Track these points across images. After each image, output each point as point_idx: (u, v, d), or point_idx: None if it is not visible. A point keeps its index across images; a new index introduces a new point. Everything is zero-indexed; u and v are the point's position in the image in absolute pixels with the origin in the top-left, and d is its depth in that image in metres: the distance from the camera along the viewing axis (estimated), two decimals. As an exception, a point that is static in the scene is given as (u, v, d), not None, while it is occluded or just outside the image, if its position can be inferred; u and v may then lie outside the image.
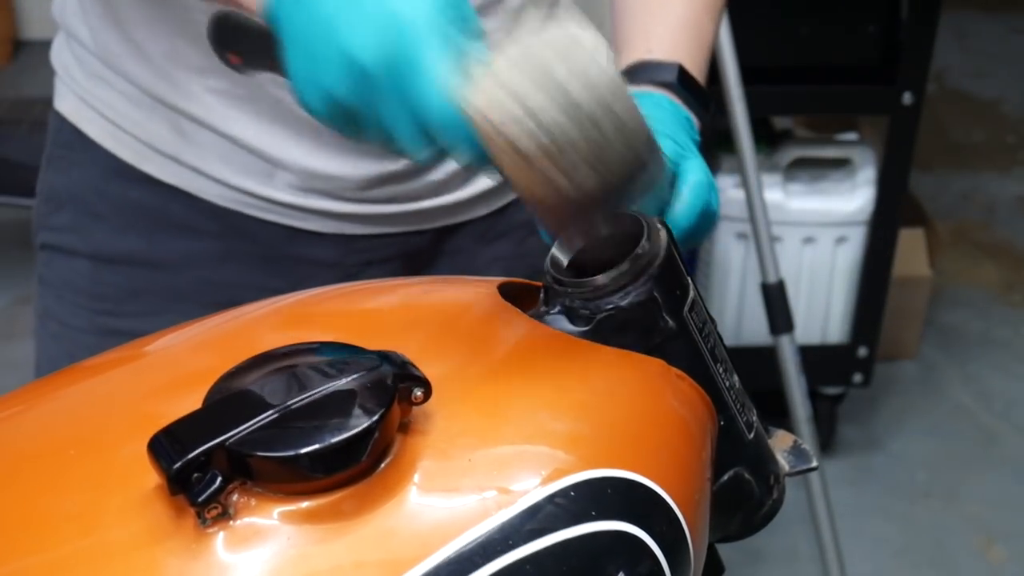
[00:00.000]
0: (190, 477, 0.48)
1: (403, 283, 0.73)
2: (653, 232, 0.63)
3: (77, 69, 0.98)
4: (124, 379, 0.64)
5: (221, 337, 0.65)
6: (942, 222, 2.91)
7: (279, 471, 0.49)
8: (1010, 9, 4.30)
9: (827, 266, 2.31)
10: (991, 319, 2.88)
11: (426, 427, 0.54)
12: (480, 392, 0.57)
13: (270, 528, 0.49)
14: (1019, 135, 3.64)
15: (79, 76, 0.98)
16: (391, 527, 0.51)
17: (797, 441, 0.75)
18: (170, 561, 0.49)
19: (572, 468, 0.54)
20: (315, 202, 0.96)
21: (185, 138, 0.94)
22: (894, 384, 2.65)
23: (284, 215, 0.97)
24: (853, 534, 2.23)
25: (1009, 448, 2.52)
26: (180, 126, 0.94)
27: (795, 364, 1.96)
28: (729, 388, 0.67)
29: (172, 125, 0.94)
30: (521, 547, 0.51)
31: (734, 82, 1.87)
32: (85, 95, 0.97)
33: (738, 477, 0.69)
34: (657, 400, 0.61)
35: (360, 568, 0.49)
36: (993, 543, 2.29)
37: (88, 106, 0.97)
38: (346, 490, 0.50)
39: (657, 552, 0.55)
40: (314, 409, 0.50)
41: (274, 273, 0.99)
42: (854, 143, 2.31)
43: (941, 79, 3.80)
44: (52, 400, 0.63)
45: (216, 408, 0.51)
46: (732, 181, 2.12)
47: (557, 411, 0.57)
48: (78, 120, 0.98)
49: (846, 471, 2.42)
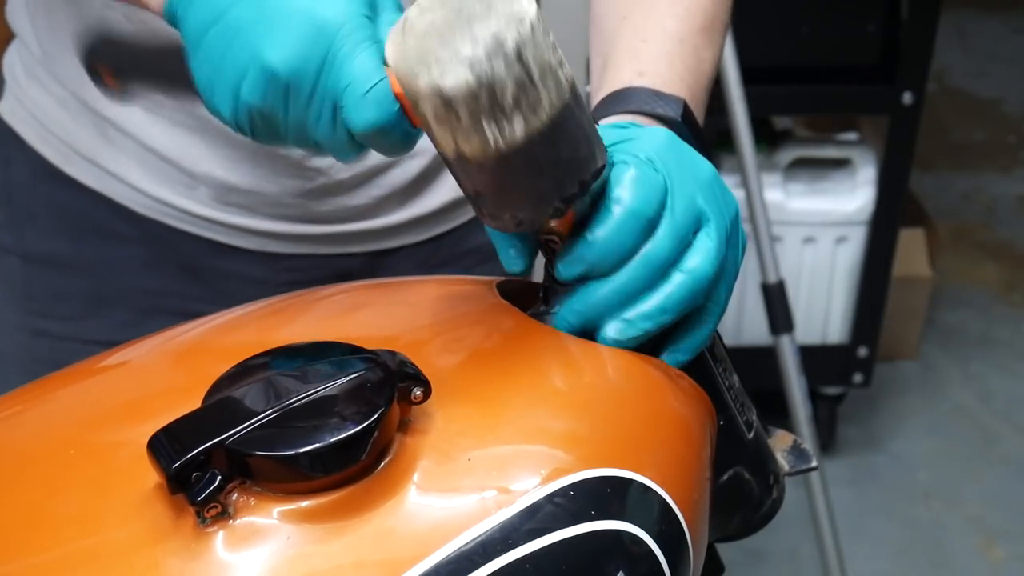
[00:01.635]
0: (190, 476, 0.48)
1: (402, 282, 0.73)
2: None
3: (20, 70, 0.97)
4: (125, 379, 0.64)
5: (220, 337, 0.65)
6: (942, 222, 2.91)
7: (278, 470, 0.49)
8: (1010, 9, 4.30)
9: (827, 266, 2.31)
10: (991, 319, 2.88)
11: (425, 426, 0.54)
12: (479, 391, 0.57)
13: (270, 527, 0.49)
14: (1020, 135, 3.64)
15: (20, 77, 0.97)
16: (390, 526, 0.51)
17: (797, 441, 0.75)
18: (170, 560, 0.49)
19: (571, 467, 0.54)
20: (235, 217, 0.94)
21: (108, 143, 0.93)
22: (894, 384, 2.65)
23: (205, 228, 0.95)
24: (853, 534, 2.23)
25: (1009, 448, 2.52)
26: (104, 131, 0.92)
27: (795, 364, 1.96)
28: (729, 388, 0.67)
29: (97, 129, 0.92)
30: (521, 546, 0.51)
31: (734, 82, 1.87)
32: (21, 96, 0.96)
33: (738, 477, 0.69)
34: (656, 399, 0.61)
35: (360, 567, 0.49)
36: (993, 543, 2.29)
37: (23, 107, 0.96)
38: (346, 489, 0.50)
39: (657, 551, 0.55)
40: (313, 408, 0.50)
41: (200, 285, 0.97)
42: (854, 143, 2.31)
43: (941, 79, 3.80)
44: (51, 400, 0.63)
45: (215, 407, 0.51)
46: (732, 181, 2.12)
47: (556, 410, 0.57)
48: (12, 120, 0.97)
49: (846, 471, 2.43)
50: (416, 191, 0.98)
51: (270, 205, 0.94)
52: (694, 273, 0.60)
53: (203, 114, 0.89)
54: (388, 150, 0.58)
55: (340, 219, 0.96)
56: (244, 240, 0.96)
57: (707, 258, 0.61)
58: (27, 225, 0.98)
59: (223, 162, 0.92)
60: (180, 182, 0.93)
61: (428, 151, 0.95)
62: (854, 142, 2.32)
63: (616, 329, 0.61)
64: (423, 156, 0.95)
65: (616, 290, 0.60)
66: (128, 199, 0.95)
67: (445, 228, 1.01)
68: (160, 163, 0.93)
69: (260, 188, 0.92)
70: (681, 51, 0.77)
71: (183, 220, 0.95)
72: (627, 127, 0.66)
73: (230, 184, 0.92)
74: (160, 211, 0.95)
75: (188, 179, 0.93)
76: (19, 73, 0.97)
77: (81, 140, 0.94)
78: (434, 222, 1.00)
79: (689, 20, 0.79)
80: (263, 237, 0.96)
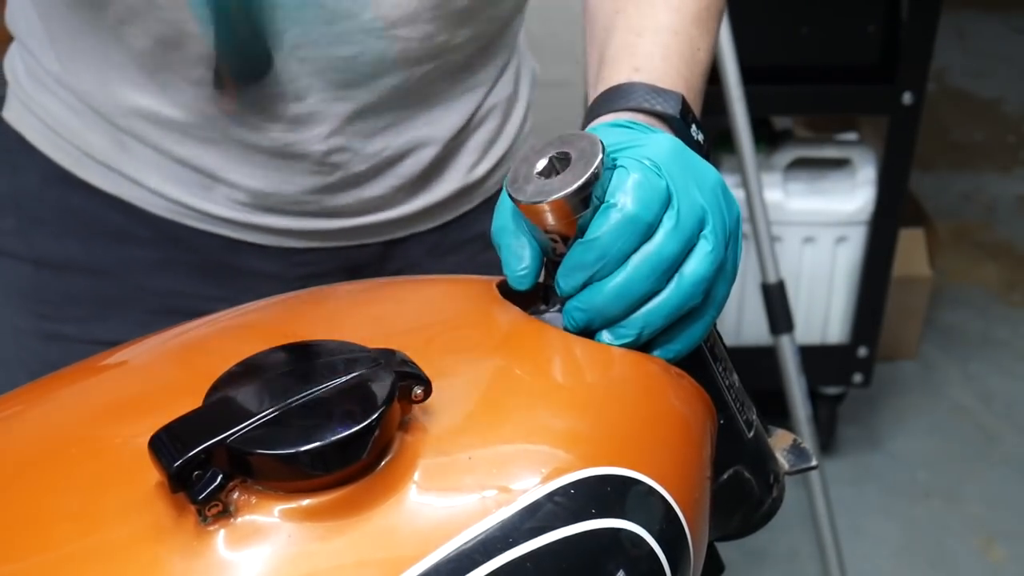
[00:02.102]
0: (191, 475, 0.48)
1: (403, 281, 0.73)
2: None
3: (24, 76, 0.97)
4: (126, 377, 0.64)
5: (222, 335, 0.65)
6: (942, 222, 2.91)
7: (280, 469, 0.49)
8: (1010, 9, 4.30)
9: (827, 266, 2.31)
10: (991, 319, 2.89)
11: (426, 425, 0.54)
12: (480, 390, 0.57)
13: (271, 526, 0.49)
14: (1019, 135, 3.64)
15: (25, 83, 0.97)
16: (391, 525, 0.51)
17: (797, 440, 0.75)
18: (171, 559, 0.49)
19: (572, 466, 0.54)
20: (254, 217, 0.95)
21: (123, 149, 0.93)
22: (894, 384, 2.66)
23: (223, 227, 0.96)
24: (853, 534, 2.23)
25: (1009, 448, 2.52)
26: (118, 138, 0.92)
27: (795, 364, 1.96)
28: (729, 387, 0.67)
29: (111, 137, 0.93)
30: (521, 545, 0.51)
31: (734, 82, 1.87)
32: (28, 101, 0.96)
33: (738, 476, 0.69)
34: (657, 398, 0.61)
35: (361, 565, 0.49)
36: (993, 543, 2.30)
37: (30, 112, 0.96)
38: (347, 488, 0.50)
39: (657, 550, 0.55)
40: (314, 407, 0.51)
41: (213, 283, 0.97)
42: (854, 143, 2.31)
43: (941, 79, 3.80)
44: (53, 399, 0.63)
45: (217, 406, 0.51)
46: (732, 181, 2.12)
47: (557, 409, 0.57)
48: (20, 126, 0.97)
49: (846, 471, 2.43)
50: (427, 180, 0.99)
51: (288, 203, 0.94)
52: (693, 276, 0.61)
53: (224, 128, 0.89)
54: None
55: (355, 212, 0.97)
56: (261, 237, 0.97)
57: (705, 261, 0.61)
58: (36, 230, 0.98)
59: (240, 167, 0.92)
60: (198, 184, 0.94)
61: (439, 140, 0.96)
62: (854, 142, 2.32)
63: (613, 331, 0.61)
64: (434, 145, 0.97)
65: (617, 290, 0.60)
66: (144, 201, 0.95)
67: (453, 215, 1.02)
68: (178, 168, 0.93)
69: (278, 189, 0.93)
70: (677, 43, 0.77)
71: (200, 220, 0.95)
72: (632, 128, 0.66)
73: (248, 187, 0.93)
74: (179, 212, 0.95)
75: (207, 181, 0.93)
76: (22, 77, 0.97)
77: (95, 146, 0.94)
78: (443, 210, 1.01)
79: (683, 10, 0.79)
80: (281, 235, 0.97)
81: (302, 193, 0.94)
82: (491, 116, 1.01)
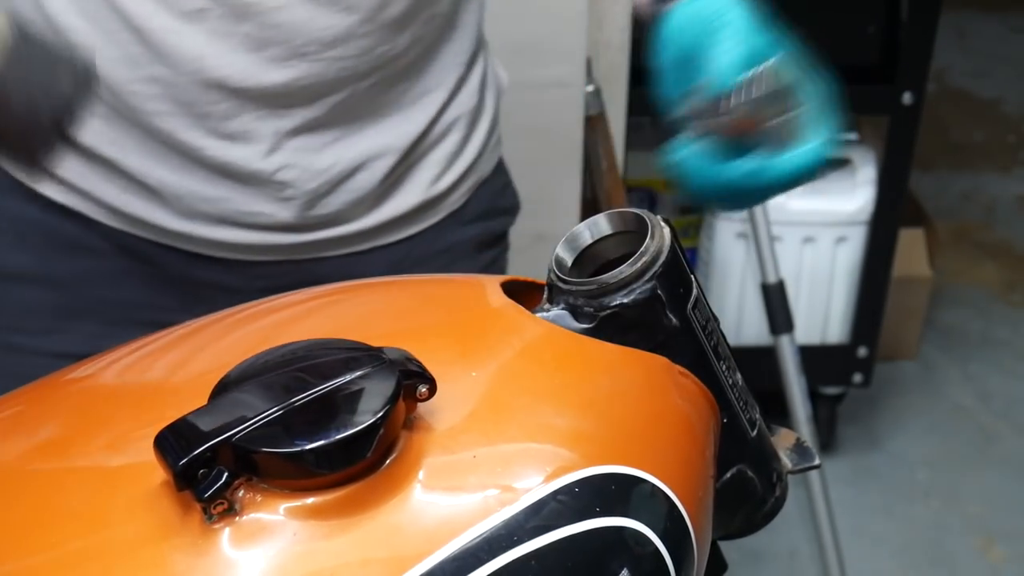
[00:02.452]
0: (196, 473, 0.48)
1: (406, 280, 0.73)
2: (657, 230, 0.63)
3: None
4: (130, 376, 0.64)
5: (227, 335, 0.66)
6: (942, 222, 2.91)
7: (285, 467, 0.49)
8: (1010, 9, 4.30)
9: (827, 266, 2.31)
10: (991, 319, 2.89)
11: (431, 424, 0.54)
12: (484, 389, 0.57)
13: (276, 524, 0.50)
14: (1019, 135, 3.64)
15: None
16: (396, 523, 0.51)
17: (800, 439, 0.75)
18: (176, 557, 0.49)
19: (576, 465, 0.54)
20: (206, 230, 0.94)
21: (77, 163, 0.93)
22: (894, 384, 2.66)
23: (179, 241, 0.95)
24: (853, 533, 2.23)
25: (1009, 448, 2.52)
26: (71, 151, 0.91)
27: (795, 364, 1.96)
28: (732, 386, 0.67)
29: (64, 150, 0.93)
30: (525, 543, 0.51)
31: (735, 82, 1.86)
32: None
33: (741, 474, 0.69)
34: (661, 397, 0.61)
35: (365, 564, 0.50)
36: (993, 543, 2.30)
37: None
38: (351, 486, 0.50)
39: (661, 549, 0.55)
40: (319, 405, 0.51)
41: (174, 294, 0.97)
42: (854, 143, 2.31)
43: (941, 79, 3.81)
44: (56, 398, 0.63)
45: (222, 404, 0.51)
46: (732, 181, 2.12)
47: (561, 408, 0.57)
48: None
49: (846, 471, 2.43)
50: (386, 194, 0.98)
51: (243, 217, 0.94)
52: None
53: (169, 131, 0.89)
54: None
55: (313, 227, 0.96)
56: (218, 251, 0.96)
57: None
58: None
59: (190, 183, 0.92)
60: (148, 198, 0.93)
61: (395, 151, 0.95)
62: (854, 142, 2.32)
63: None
64: (390, 156, 0.95)
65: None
66: (99, 214, 0.95)
67: (416, 229, 1.01)
68: (126, 180, 0.93)
69: (232, 205, 0.92)
70: None
71: (156, 233, 0.95)
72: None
73: (199, 197, 0.92)
74: (132, 225, 0.95)
75: (155, 195, 0.93)
76: None
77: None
78: (406, 224, 1.00)
79: None
80: (237, 249, 0.96)
81: (254, 206, 0.93)
82: (454, 128, 0.99)
